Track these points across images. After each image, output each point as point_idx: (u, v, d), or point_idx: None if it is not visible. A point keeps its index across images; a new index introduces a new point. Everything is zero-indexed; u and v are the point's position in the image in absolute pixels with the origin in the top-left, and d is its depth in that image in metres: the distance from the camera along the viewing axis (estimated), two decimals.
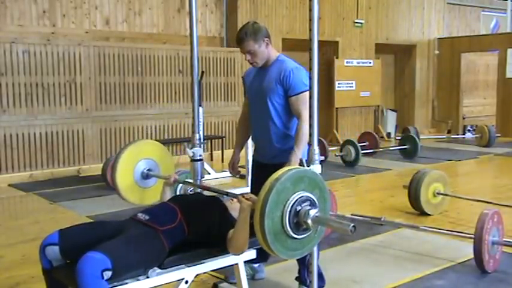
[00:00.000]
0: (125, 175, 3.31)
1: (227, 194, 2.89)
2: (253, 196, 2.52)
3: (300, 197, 2.26)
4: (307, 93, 2.95)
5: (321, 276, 3.13)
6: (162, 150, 3.51)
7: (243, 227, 2.52)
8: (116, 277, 2.26)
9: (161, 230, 2.49)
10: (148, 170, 3.38)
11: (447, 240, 4.29)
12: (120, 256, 2.27)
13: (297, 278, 3.29)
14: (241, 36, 3.05)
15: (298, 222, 2.26)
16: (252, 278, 3.42)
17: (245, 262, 2.87)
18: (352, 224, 2.18)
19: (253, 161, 3.40)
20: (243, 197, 2.55)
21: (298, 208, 2.25)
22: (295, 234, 2.27)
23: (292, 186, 2.25)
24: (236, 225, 2.56)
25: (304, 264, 3.18)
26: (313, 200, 2.31)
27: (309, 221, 2.26)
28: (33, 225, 5.00)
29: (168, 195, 3.11)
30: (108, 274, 2.20)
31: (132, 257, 2.33)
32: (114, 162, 3.31)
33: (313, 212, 2.27)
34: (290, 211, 2.23)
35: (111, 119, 7.91)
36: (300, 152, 2.96)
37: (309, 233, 2.33)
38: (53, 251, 2.40)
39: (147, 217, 2.57)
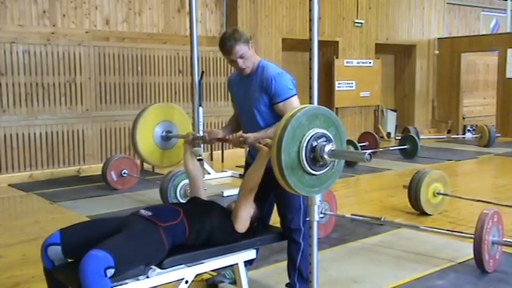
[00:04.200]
0: (145, 139, 3.40)
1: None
2: (270, 142, 2.60)
3: (316, 133, 2.32)
4: (294, 97, 2.98)
5: (305, 280, 3.08)
6: (177, 110, 3.57)
7: (257, 169, 2.67)
8: (118, 274, 2.26)
9: (162, 226, 2.49)
10: (166, 131, 3.46)
11: (447, 240, 4.29)
12: (122, 253, 2.28)
13: (287, 285, 3.22)
14: (232, 43, 2.94)
15: (315, 158, 2.31)
16: (234, 283, 3.26)
17: (229, 266, 2.86)
18: (368, 153, 2.23)
19: (245, 162, 3.37)
20: (260, 143, 2.67)
21: (314, 143, 2.31)
22: (312, 170, 2.32)
23: (308, 122, 2.30)
24: (252, 167, 2.70)
25: (294, 268, 3.14)
26: (329, 137, 2.36)
27: (325, 156, 2.30)
28: (33, 225, 5.00)
29: (189, 154, 3.19)
30: (111, 272, 2.21)
31: (133, 254, 2.33)
32: (133, 128, 3.40)
33: (328, 147, 2.31)
34: (306, 146, 2.29)
35: (111, 119, 7.91)
36: (262, 135, 2.90)
37: (326, 170, 2.37)
38: (55, 251, 2.40)
39: (149, 213, 2.57)
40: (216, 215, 2.72)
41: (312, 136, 2.30)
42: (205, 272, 3.16)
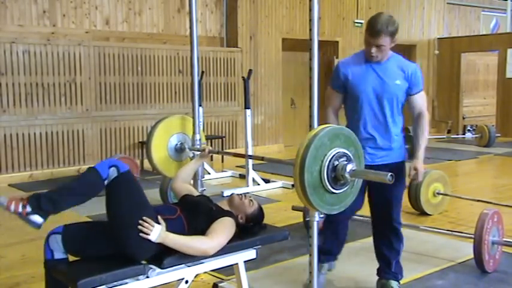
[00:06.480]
0: (159, 150, 3.45)
1: None
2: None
3: (337, 153, 2.36)
4: (423, 91, 3.20)
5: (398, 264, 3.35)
6: (190, 122, 3.61)
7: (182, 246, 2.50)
8: (112, 186, 2.41)
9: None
10: (181, 144, 3.53)
11: (447, 240, 4.29)
12: (132, 179, 2.48)
13: (384, 277, 3.34)
14: (382, 30, 2.94)
15: (336, 177, 2.36)
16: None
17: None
18: (390, 173, 2.27)
19: None
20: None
21: (336, 163, 2.35)
22: (333, 188, 2.37)
23: (329, 142, 2.34)
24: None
25: (397, 255, 3.33)
26: (349, 156, 2.40)
27: (346, 175, 2.35)
28: None
29: (197, 165, 3.26)
30: (114, 171, 2.40)
31: (140, 193, 2.50)
32: (148, 139, 3.48)
33: (350, 167, 2.36)
34: (328, 166, 2.33)
35: (111, 119, 7.91)
36: (423, 150, 3.12)
37: (345, 188, 2.43)
38: (56, 240, 2.47)
39: None
40: (203, 216, 2.69)
41: (333, 156, 2.34)
42: (206, 272, 3.17)
